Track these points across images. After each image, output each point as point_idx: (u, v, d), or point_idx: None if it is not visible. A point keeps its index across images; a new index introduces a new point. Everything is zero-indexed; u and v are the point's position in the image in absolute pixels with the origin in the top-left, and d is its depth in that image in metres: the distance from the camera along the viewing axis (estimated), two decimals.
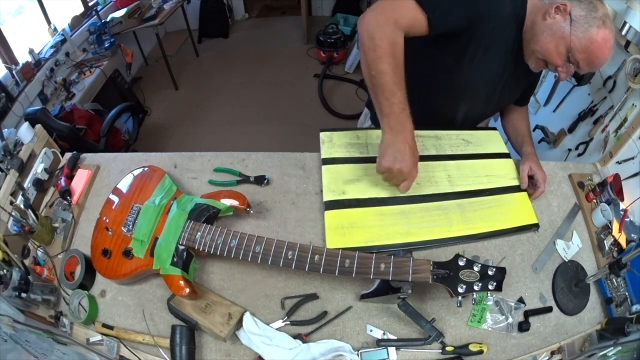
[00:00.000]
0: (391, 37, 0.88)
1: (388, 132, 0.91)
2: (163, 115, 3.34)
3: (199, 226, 0.90)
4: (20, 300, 0.91)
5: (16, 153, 1.14)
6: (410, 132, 0.91)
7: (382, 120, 0.92)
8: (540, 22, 0.92)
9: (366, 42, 0.90)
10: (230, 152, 1.19)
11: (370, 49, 0.89)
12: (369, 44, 0.89)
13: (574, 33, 0.87)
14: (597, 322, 0.98)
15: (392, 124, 0.90)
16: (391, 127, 0.91)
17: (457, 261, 0.79)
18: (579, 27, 0.86)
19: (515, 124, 1.26)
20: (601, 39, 0.85)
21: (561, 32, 0.88)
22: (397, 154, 0.90)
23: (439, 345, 0.89)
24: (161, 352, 0.88)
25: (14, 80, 2.29)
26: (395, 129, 0.90)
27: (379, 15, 0.90)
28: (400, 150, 0.90)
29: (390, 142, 0.91)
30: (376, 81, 0.90)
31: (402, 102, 0.89)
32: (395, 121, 0.90)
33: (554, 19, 0.89)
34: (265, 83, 3.62)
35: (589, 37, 0.86)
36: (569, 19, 0.87)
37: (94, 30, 2.92)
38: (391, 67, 0.88)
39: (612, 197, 1.10)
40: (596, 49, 0.86)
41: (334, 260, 0.82)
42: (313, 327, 0.90)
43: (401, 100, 0.89)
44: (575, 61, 0.90)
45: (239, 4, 4.50)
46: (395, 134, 0.90)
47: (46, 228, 1.04)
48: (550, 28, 0.90)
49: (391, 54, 0.88)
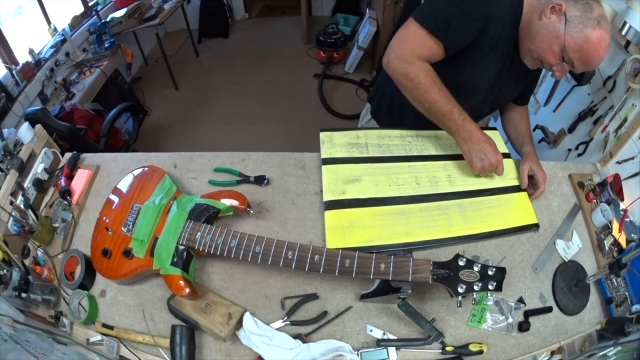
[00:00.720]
0: (422, 69, 0.97)
1: (463, 143, 1.04)
2: (163, 115, 3.34)
3: (199, 226, 0.90)
4: (20, 300, 0.91)
5: (16, 153, 1.14)
6: (478, 131, 1.02)
7: (454, 136, 1.04)
8: (536, 22, 0.93)
9: (405, 84, 1.00)
10: (230, 152, 1.19)
11: (413, 89, 0.99)
12: (409, 85, 0.99)
13: (568, 33, 0.88)
14: (597, 322, 0.98)
15: (463, 136, 1.02)
16: (463, 138, 1.02)
17: (457, 261, 0.79)
18: (574, 27, 0.87)
19: (515, 124, 1.27)
20: (596, 39, 0.86)
21: (556, 32, 0.89)
22: (480, 154, 1.03)
23: (439, 345, 0.89)
24: (161, 352, 0.88)
25: (14, 80, 2.29)
26: (467, 138, 1.02)
27: (401, 55, 0.98)
28: (480, 150, 1.03)
29: (470, 150, 1.03)
30: (433, 111, 1.01)
31: (461, 114, 1.00)
32: (463, 132, 1.01)
33: (550, 18, 0.90)
34: (265, 83, 3.62)
35: (583, 37, 0.86)
36: (563, 19, 0.88)
37: (94, 30, 2.92)
38: (439, 93, 0.98)
39: (612, 197, 1.10)
40: (591, 48, 0.87)
41: (334, 260, 0.82)
42: (313, 327, 0.90)
43: (459, 114, 1.00)
44: (569, 60, 0.91)
45: (239, 4, 4.50)
46: (468, 142, 1.03)
47: (46, 228, 1.04)
48: (546, 27, 0.91)
49: (432, 83, 0.98)
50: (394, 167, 1.12)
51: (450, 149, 1.18)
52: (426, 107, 1.01)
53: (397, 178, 1.09)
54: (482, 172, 1.06)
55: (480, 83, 1.09)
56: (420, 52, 0.97)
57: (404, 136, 1.20)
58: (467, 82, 1.08)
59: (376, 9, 3.38)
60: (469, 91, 1.10)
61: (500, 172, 1.08)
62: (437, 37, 0.95)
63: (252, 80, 3.66)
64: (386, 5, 3.08)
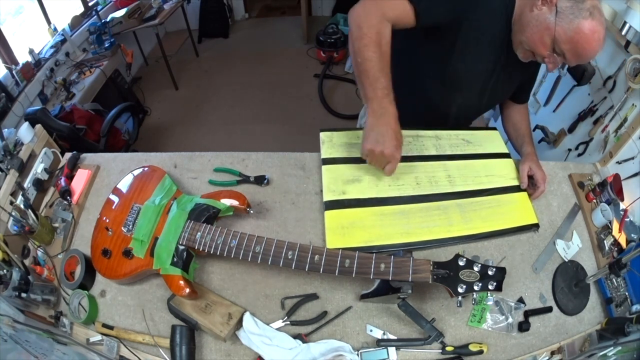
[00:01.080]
0: (378, 27, 0.93)
1: (371, 115, 0.94)
2: (163, 115, 3.34)
3: (199, 226, 0.90)
4: (20, 300, 0.90)
5: (16, 153, 1.14)
6: (393, 116, 0.93)
7: (367, 105, 0.95)
8: (528, 14, 0.93)
9: (354, 31, 0.94)
10: (230, 152, 1.19)
11: (358, 37, 0.93)
12: (356, 33, 0.94)
13: (559, 24, 0.87)
14: (597, 322, 0.98)
15: (375, 108, 0.93)
16: (374, 111, 0.93)
17: (457, 261, 0.79)
18: (564, 18, 0.86)
19: (515, 124, 1.27)
20: (588, 30, 0.85)
21: (546, 23, 0.89)
22: (378, 137, 0.93)
23: (439, 345, 0.89)
24: (161, 352, 0.88)
25: (14, 80, 2.29)
26: (377, 113, 0.93)
27: (368, 7, 0.94)
28: (382, 133, 0.93)
29: (373, 126, 0.94)
30: (362, 67, 0.93)
31: (385, 88, 0.93)
32: (378, 105, 0.93)
33: (541, 10, 0.90)
34: (265, 83, 3.62)
35: (574, 28, 0.86)
36: (554, 10, 0.88)
37: (94, 30, 2.92)
38: (376, 55, 0.92)
39: (612, 197, 1.10)
40: (582, 40, 0.86)
41: (334, 260, 0.82)
42: (313, 327, 0.90)
43: (385, 86, 0.92)
44: (561, 52, 0.90)
45: (239, 4, 4.50)
46: (377, 118, 0.93)
47: (46, 228, 1.04)
48: (536, 19, 0.91)
49: (377, 43, 0.92)
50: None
51: (450, 149, 1.18)
52: (358, 62, 0.94)
53: (397, 178, 1.09)
54: (369, 156, 0.96)
55: (474, 76, 1.09)
56: (387, 11, 0.93)
57: (404, 136, 1.19)
58: (460, 74, 1.08)
59: None
60: (463, 84, 1.10)
61: (389, 173, 0.99)
62: (409, 1, 0.92)
63: (252, 80, 3.66)
64: None
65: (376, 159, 0.97)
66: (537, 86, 1.77)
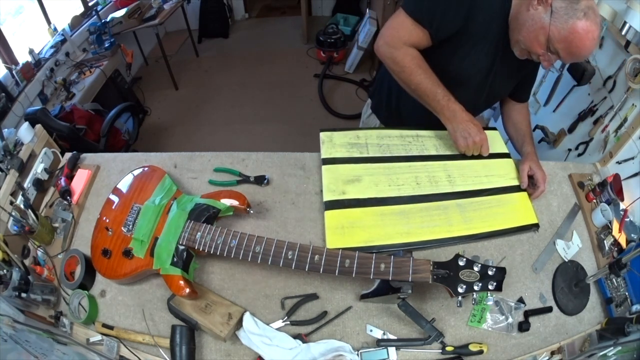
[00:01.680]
0: (408, 53, 1.04)
1: (448, 123, 1.09)
2: (163, 115, 3.34)
3: (199, 226, 0.90)
4: (20, 300, 0.91)
5: (16, 153, 1.14)
6: (462, 111, 1.07)
7: (440, 117, 1.09)
8: (524, 13, 0.95)
9: (392, 67, 1.08)
10: (230, 152, 1.19)
11: (400, 71, 1.07)
12: (396, 68, 1.07)
13: (554, 23, 0.89)
14: (597, 322, 0.98)
15: (447, 116, 1.07)
16: (447, 118, 1.08)
17: (457, 261, 0.79)
18: (559, 17, 0.88)
19: (515, 124, 1.27)
20: (582, 30, 0.86)
21: (541, 23, 0.91)
22: (463, 133, 1.08)
23: (439, 345, 0.89)
24: (161, 352, 0.88)
25: (14, 80, 2.29)
26: (451, 118, 1.07)
27: (389, 41, 1.05)
28: (464, 129, 1.08)
29: (454, 129, 1.09)
30: (419, 92, 1.07)
31: (445, 96, 1.06)
32: (447, 112, 1.07)
33: (536, 9, 0.92)
34: (265, 83, 3.62)
35: (568, 28, 0.87)
36: (549, 10, 0.89)
37: (94, 30, 2.92)
38: (423, 75, 1.04)
39: (612, 197, 1.10)
40: (576, 39, 0.88)
41: (334, 260, 0.82)
42: (313, 327, 0.90)
43: (444, 95, 1.05)
44: (555, 50, 0.92)
45: (239, 4, 4.50)
46: (452, 122, 1.08)
47: (46, 228, 1.04)
48: (532, 18, 0.93)
49: (417, 66, 1.04)
50: (394, 167, 1.12)
51: (450, 149, 1.18)
52: (412, 89, 1.07)
53: (397, 178, 1.09)
54: (467, 150, 1.11)
55: (472, 74, 1.10)
56: (406, 39, 1.03)
57: (404, 136, 1.20)
58: (458, 72, 1.09)
59: (376, 9, 3.38)
60: (460, 82, 1.11)
61: (485, 152, 1.12)
62: (422, 26, 1.00)
63: (252, 80, 3.66)
64: (386, 5, 3.08)
65: (474, 149, 1.11)
66: (537, 86, 1.77)
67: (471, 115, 1.08)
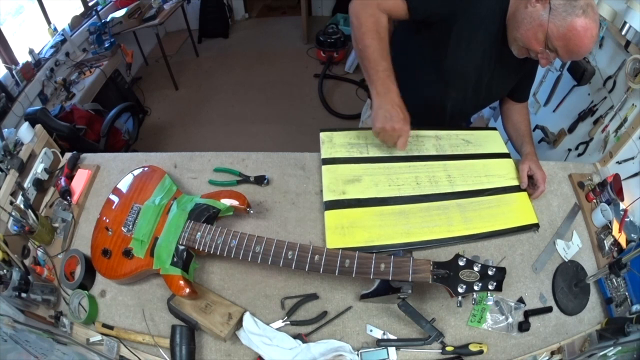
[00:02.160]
0: (374, 16, 1.01)
1: (376, 96, 1.01)
2: (163, 115, 3.34)
3: (199, 226, 0.90)
4: (20, 300, 0.91)
5: (16, 153, 1.14)
6: (396, 94, 1.00)
7: (371, 88, 1.02)
8: (522, 10, 0.95)
9: (354, 22, 1.03)
10: (230, 152, 1.19)
11: (357, 27, 1.02)
12: (356, 23, 1.03)
13: (552, 21, 0.89)
14: (597, 322, 0.98)
15: (379, 89, 1.00)
16: (378, 91, 1.00)
17: (457, 261, 0.79)
18: (557, 15, 0.88)
19: (515, 124, 1.27)
20: (580, 28, 0.86)
21: (539, 20, 0.91)
22: (386, 114, 0.99)
23: (439, 345, 0.89)
24: (161, 352, 0.88)
25: (14, 80, 2.29)
26: (381, 93, 1.00)
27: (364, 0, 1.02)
28: (389, 110, 0.99)
29: (380, 105, 1.00)
30: (363, 54, 1.02)
31: (386, 70, 1.00)
32: (381, 86, 1.00)
33: (535, 7, 0.92)
34: (265, 83, 3.62)
35: (567, 25, 0.87)
36: (548, 7, 0.89)
37: (94, 30, 2.92)
38: (375, 41, 1.00)
39: (612, 197, 1.10)
40: (574, 37, 0.87)
41: (334, 260, 0.82)
42: (313, 327, 0.90)
43: (386, 68, 1.00)
44: (553, 48, 0.92)
45: (239, 4, 4.50)
46: (382, 97, 1.00)
47: (46, 228, 1.04)
48: (530, 16, 0.92)
49: (375, 30, 1.00)
50: (394, 167, 1.12)
51: (450, 149, 1.18)
52: (359, 49, 1.03)
53: (397, 178, 1.09)
54: (382, 132, 1.02)
55: (468, 70, 1.10)
56: (381, 2, 1.01)
57: None
58: (453, 67, 1.09)
59: None
60: (458, 79, 1.11)
61: (401, 146, 1.03)
62: None
63: (252, 80, 3.66)
64: None
65: (388, 135, 1.02)
66: (537, 86, 1.77)
67: (403, 104, 1.01)
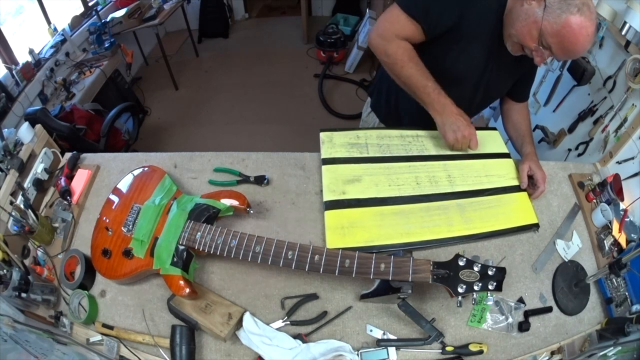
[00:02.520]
0: (400, 46, 1.05)
1: (437, 116, 1.09)
2: (163, 115, 3.34)
3: (199, 226, 0.90)
4: (20, 300, 0.91)
5: (16, 153, 1.14)
6: (452, 105, 1.07)
7: (429, 110, 1.09)
8: (518, 8, 0.95)
9: (384, 59, 1.09)
10: (230, 152, 1.19)
11: (392, 64, 1.07)
12: (387, 60, 1.08)
13: (546, 18, 0.89)
14: (597, 322, 0.98)
15: (437, 108, 1.07)
16: (437, 110, 1.08)
17: (457, 261, 0.79)
18: (552, 12, 0.88)
19: (515, 124, 1.27)
20: (575, 25, 0.86)
21: (534, 17, 0.91)
22: (452, 126, 1.08)
23: (439, 345, 0.89)
24: (161, 352, 0.88)
25: (14, 80, 2.29)
26: (440, 111, 1.07)
27: (382, 34, 1.07)
28: (453, 122, 1.08)
29: (444, 121, 1.08)
30: (409, 83, 1.07)
31: (435, 89, 1.06)
32: (437, 104, 1.07)
33: (530, 4, 0.92)
34: (265, 83, 3.62)
35: (561, 22, 0.87)
36: (543, 5, 0.90)
37: (94, 30, 2.92)
38: (414, 68, 1.05)
39: (612, 197, 1.10)
40: (568, 34, 0.87)
41: (334, 260, 0.82)
42: (313, 327, 0.90)
43: (434, 88, 1.06)
44: (547, 45, 0.92)
45: (239, 4, 4.50)
46: (442, 115, 1.08)
47: (46, 228, 1.04)
48: (526, 12, 0.93)
49: (409, 59, 1.05)
50: (394, 167, 1.12)
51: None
52: (403, 82, 1.08)
53: (397, 178, 1.09)
54: (456, 144, 1.10)
55: (467, 71, 1.11)
56: (399, 32, 1.04)
57: (404, 136, 1.20)
58: (453, 69, 1.10)
59: (376, 9, 3.38)
60: (456, 79, 1.12)
61: (474, 146, 1.12)
62: (416, 21, 1.01)
63: (252, 80, 3.66)
64: (386, 5, 3.08)
65: (462, 143, 1.10)
66: (537, 86, 1.77)
67: (461, 110, 1.08)
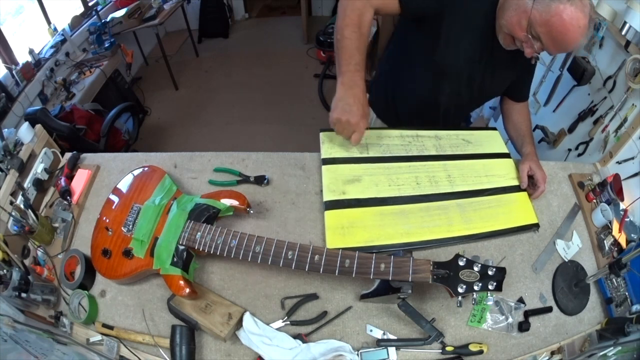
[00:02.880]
0: (360, 10, 1.00)
1: (340, 87, 0.99)
2: (163, 115, 3.34)
3: (199, 226, 0.90)
4: (20, 300, 0.91)
5: (16, 153, 1.14)
6: (361, 89, 0.99)
7: (338, 78, 1.00)
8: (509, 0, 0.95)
9: (339, 12, 1.02)
10: (230, 152, 1.19)
11: (340, 17, 1.01)
12: (340, 13, 1.02)
13: (535, 7, 0.89)
14: (597, 322, 0.98)
15: (345, 81, 0.98)
16: (344, 83, 0.98)
17: (457, 261, 0.79)
18: (541, 1, 0.88)
19: (515, 124, 1.27)
20: (565, 15, 0.85)
21: (524, 6, 0.91)
22: (346, 106, 0.97)
23: (439, 345, 0.89)
24: (161, 352, 0.88)
25: (14, 80, 2.29)
26: (347, 85, 0.98)
27: None
28: (349, 103, 0.97)
29: (341, 97, 0.98)
30: (340, 44, 1.00)
31: (358, 64, 0.98)
32: (348, 79, 0.98)
33: None
34: (265, 83, 3.62)
35: (550, 12, 0.87)
36: None
37: (94, 30, 2.92)
38: (355, 35, 0.99)
39: (612, 197, 1.10)
40: (557, 24, 0.87)
41: (334, 260, 0.82)
42: (313, 327, 0.90)
43: (357, 63, 0.98)
44: (536, 35, 0.91)
45: (239, 4, 4.50)
46: (346, 90, 0.98)
47: (46, 228, 1.04)
48: (516, 3, 0.93)
49: (357, 24, 0.99)
50: (394, 167, 1.12)
51: (450, 149, 1.18)
52: (338, 39, 1.02)
53: (397, 178, 1.09)
54: (338, 124, 0.99)
55: (460, 65, 1.10)
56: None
57: (404, 136, 1.20)
58: (444, 61, 1.09)
59: None
60: (450, 73, 1.12)
61: (355, 141, 1.02)
62: None
63: (252, 80, 3.66)
64: None
65: (343, 127, 1.00)
66: (537, 86, 1.77)
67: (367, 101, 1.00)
